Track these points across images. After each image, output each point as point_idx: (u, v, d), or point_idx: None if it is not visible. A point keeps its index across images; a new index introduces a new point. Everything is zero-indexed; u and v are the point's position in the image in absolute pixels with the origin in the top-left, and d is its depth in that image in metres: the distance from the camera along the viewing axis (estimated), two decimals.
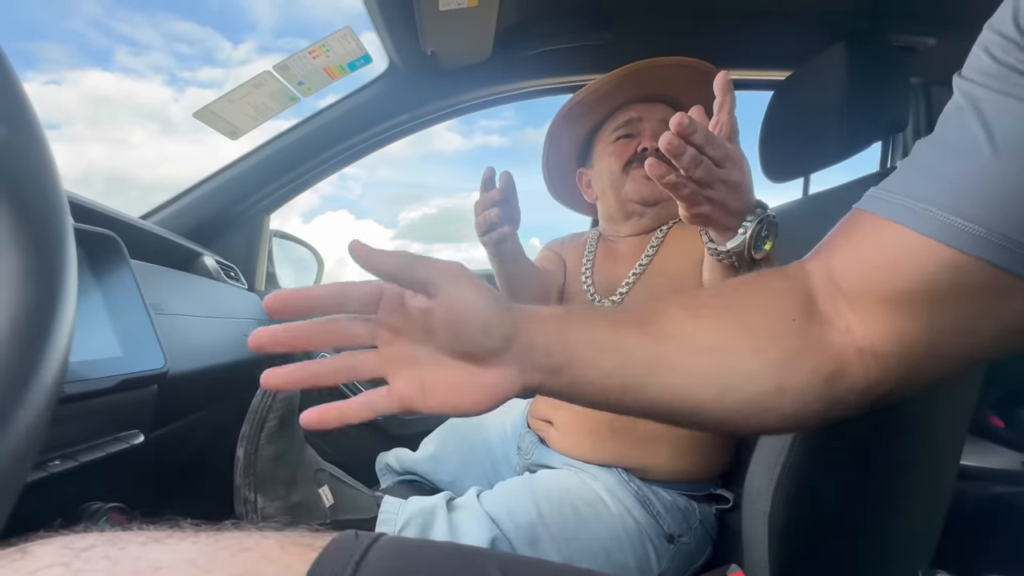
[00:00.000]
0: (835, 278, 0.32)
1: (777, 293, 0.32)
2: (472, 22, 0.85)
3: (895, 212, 0.29)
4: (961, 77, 0.29)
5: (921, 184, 0.29)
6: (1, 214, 0.13)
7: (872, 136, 0.81)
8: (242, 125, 0.95)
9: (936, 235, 0.27)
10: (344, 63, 0.91)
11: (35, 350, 0.12)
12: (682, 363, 0.30)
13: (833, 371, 0.31)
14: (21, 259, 0.13)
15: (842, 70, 0.78)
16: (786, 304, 0.32)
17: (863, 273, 0.31)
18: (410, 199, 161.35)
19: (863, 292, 0.30)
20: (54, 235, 0.14)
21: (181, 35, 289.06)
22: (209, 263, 0.90)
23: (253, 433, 0.65)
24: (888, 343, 0.30)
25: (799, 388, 0.30)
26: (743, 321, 0.31)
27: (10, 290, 0.12)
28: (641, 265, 0.77)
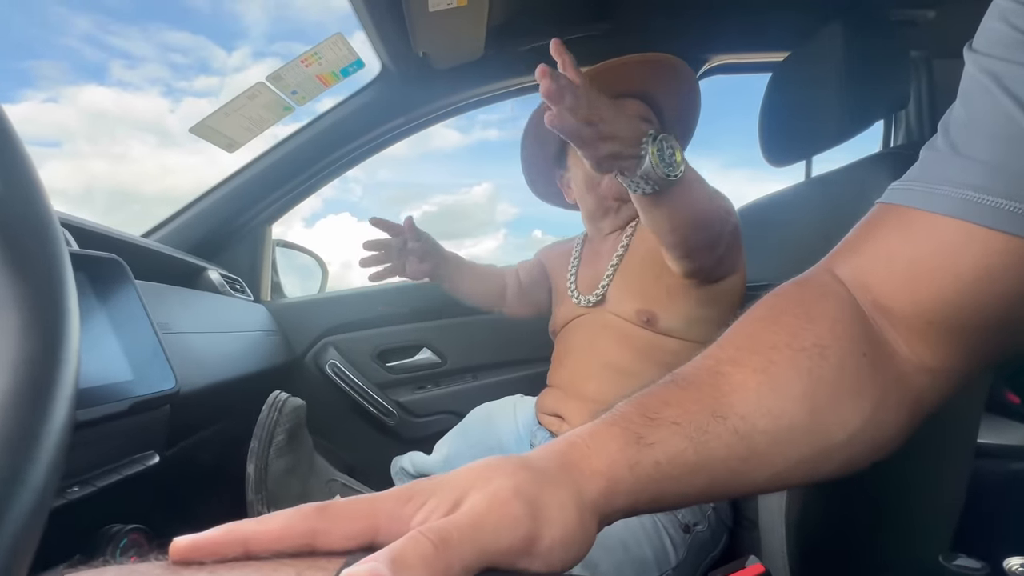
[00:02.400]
0: (882, 303, 0.29)
1: (838, 323, 0.29)
2: (463, 21, 0.84)
3: (931, 202, 0.27)
4: (976, 52, 0.27)
5: (955, 168, 0.26)
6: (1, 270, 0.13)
7: (874, 115, 0.80)
8: (238, 137, 0.95)
9: (981, 220, 0.25)
10: (337, 69, 0.91)
11: (39, 407, 0.12)
12: (772, 459, 0.27)
13: (914, 403, 0.29)
14: (21, 317, 0.13)
15: (840, 49, 0.76)
16: (852, 336, 0.28)
17: (911, 293, 0.28)
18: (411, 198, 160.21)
19: (917, 315, 0.28)
20: (54, 290, 0.13)
21: (175, 45, 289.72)
22: (214, 277, 0.90)
23: (262, 448, 0.66)
24: (954, 358, 0.28)
25: (888, 436, 0.28)
26: (823, 375, 0.27)
27: (11, 350, 0.12)
28: (618, 256, 0.79)
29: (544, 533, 0.21)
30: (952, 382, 0.29)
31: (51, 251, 0.15)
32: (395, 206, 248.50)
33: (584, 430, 0.26)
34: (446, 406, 1.10)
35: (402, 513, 0.21)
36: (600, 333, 0.77)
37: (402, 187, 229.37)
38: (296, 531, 0.20)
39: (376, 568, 0.17)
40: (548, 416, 0.80)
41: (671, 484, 0.25)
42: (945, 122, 0.29)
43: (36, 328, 0.13)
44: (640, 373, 0.72)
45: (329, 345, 1.09)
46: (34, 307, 0.13)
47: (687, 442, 0.25)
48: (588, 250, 0.88)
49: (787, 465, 0.27)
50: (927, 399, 0.29)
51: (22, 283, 0.13)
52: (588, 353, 0.78)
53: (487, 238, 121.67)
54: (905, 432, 0.29)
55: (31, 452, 0.11)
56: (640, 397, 0.28)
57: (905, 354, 0.29)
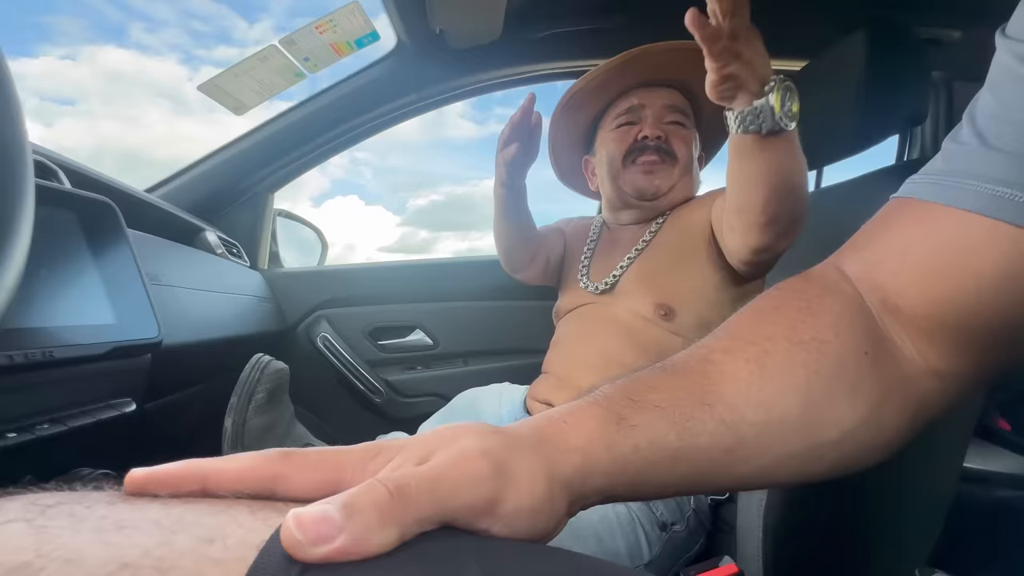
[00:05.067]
0: (892, 301, 0.28)
1: (840, 319, 0.27)
2: (482, 1, 0.83)
3: (956, 196, 0.25)
4: (1008, 37, 0.26)
5: (983, 162, 0.25)
6: None
7: (890, 128, 0.79)
8: (247, 100, 0.94)
9: (1010, 217, 0.23)
10: (351, 40, 0.90)
11: None
12: (759, 453, 0.25)
13: (917, 407, 0.27)
14: None
15: (862, 59, 0.75)
16: (854, 334, 0.27)
17: (924, 291, 0.26)
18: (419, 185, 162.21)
19: (928, 315, 0.27)
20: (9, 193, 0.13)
21: (196, 12, 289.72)
22: (211, 238, 0.90)
23: (241, 405, 0.65)
24: (963, 362, 0.27)
25: (885, 439, 0.27)
26: (820, 370, 0.26)
27: None
28: (637, 249, 0.78)
29: (508, 497, 0.20)
30: (958, 387, 0.28)
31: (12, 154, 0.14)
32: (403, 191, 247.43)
33: (564, 407, 0.25)
34: (434, 389, 1.10)
35: (367, 467, 0.21)
36: (604, 323, 0.75)
37: (412, 174, 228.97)
38: (258, 474, 0.20)
39: (327, 510, 0.17)
40: (538, 403, 0.79)
41: (650, 470, 0.24)
42: (971, 112, 0.27)
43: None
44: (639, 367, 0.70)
45: (322, 318, 1.09)
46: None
47: (670, 427, 0.24)
48: (606, 237, 0.86)
49: (775, 460, 0.26)
50: (931, 404, 0.28)
51: None
52: (588, 342, 0.76)
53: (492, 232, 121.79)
54: (905, 436, 0.28)
55: None
56: (626, 380, 0.27)
57: (911, 355, 0.28)
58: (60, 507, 0.17)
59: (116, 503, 0.18)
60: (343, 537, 0.16)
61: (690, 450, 0.24)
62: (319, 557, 0.16)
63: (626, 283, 0.76)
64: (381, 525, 0.17)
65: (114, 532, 0.16)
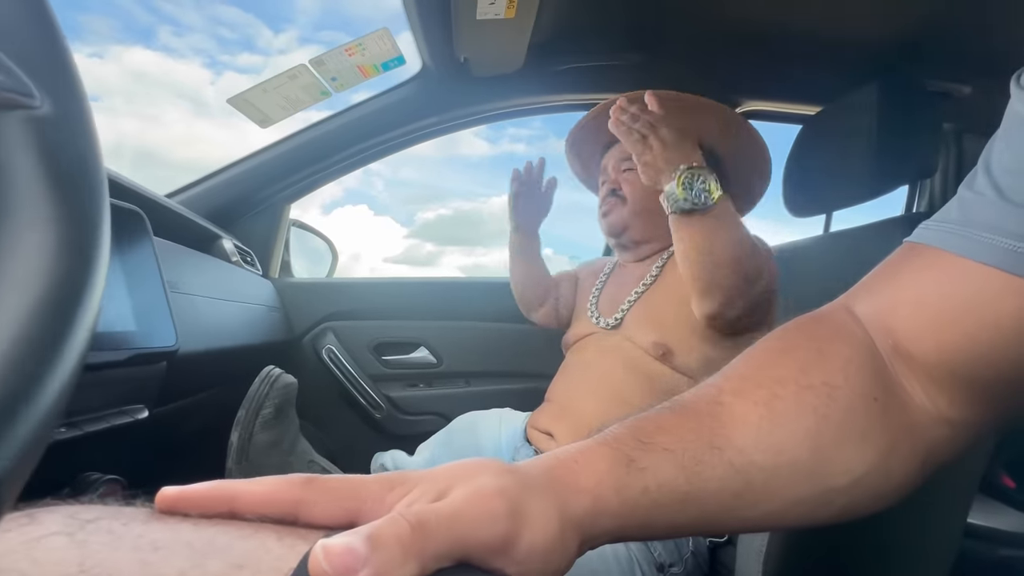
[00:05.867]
0: (904, 347, 0.27)
1: (850, 363, 0.27)
2: (507, 33, 0.86)
3: (971, 248, 0.25)
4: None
5: (1000, 215, 0.25)
6: (44, 188, 0.14)
7: (900, 179, 0.81)
8: (273, 114, 0.97)
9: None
10: (378, 63, 0.93)
11: (66, 321, 0.12)
12: (767, 497, 0.25)
13: (926, 454, 0.27)
14: (60, 233, 0.13)
15: (874, 110, 0.77)
16: (863, 378, 0.27)
17: (937, 339, 0.26)
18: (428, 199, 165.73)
19: (940, 363, 0.27)
20: (93, 213, 0.14)
21: (224, 19, 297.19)
22: (227, 246, 0.91)
23: (248, 419, 0.65)
24: (974, 410, 0.27)
25: (895, 485, 0.27)
26: (829, 415, 0.26)
27: (47, 261, 0.12)
28: (644, 284, 0.81)
29: (523, 537, 0.21)
30: (968, 435, 0.28)
31: (91, 180, 0.15)
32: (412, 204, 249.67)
33: (573, 447, 0.25)
34: (435, 407, 1.10)
35: (386, 498, 0.21)
36: (610, 356, 0.77)
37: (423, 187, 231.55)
38: (282, 498, 0.20)
39: (352, 542, 0.17)
40: (538, 433, 0.79)
41: (659, 512, 0.24)
42: (986, 160, 0.27)
43: (72, 247, 0.13)
44: (642, 403, 0.70)
45: (328, 330, 1.10)
46: (72, 226, 0.14)
47: (679, 471, 0.24)
48: (617, 273, 0.91)
49: (783, 505, 0.26)
50: (941, 451, 0.28)
51: (64, 204, 0.14)
52: (593, 372, 0.78)
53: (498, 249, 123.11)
54: (914, 482, 0.27)
55: (53, 361, 0.11)
56: (635, 420, 0.27)
57: (921, 402, 0.27)
58: (99, 522, 0.18)
59: (150, 522, 0.19)
60: (367, 570, 0.17)
61: (699, 493, 0.24)
62: None
63: (631, 320, 0.79)
64: (403, 560, 0.18)
65: (150, 552, 0.17)
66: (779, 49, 0.94)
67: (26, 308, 0.11)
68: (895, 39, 0.86)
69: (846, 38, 0.88)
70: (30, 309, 0.11)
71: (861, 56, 0.91)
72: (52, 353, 0.11)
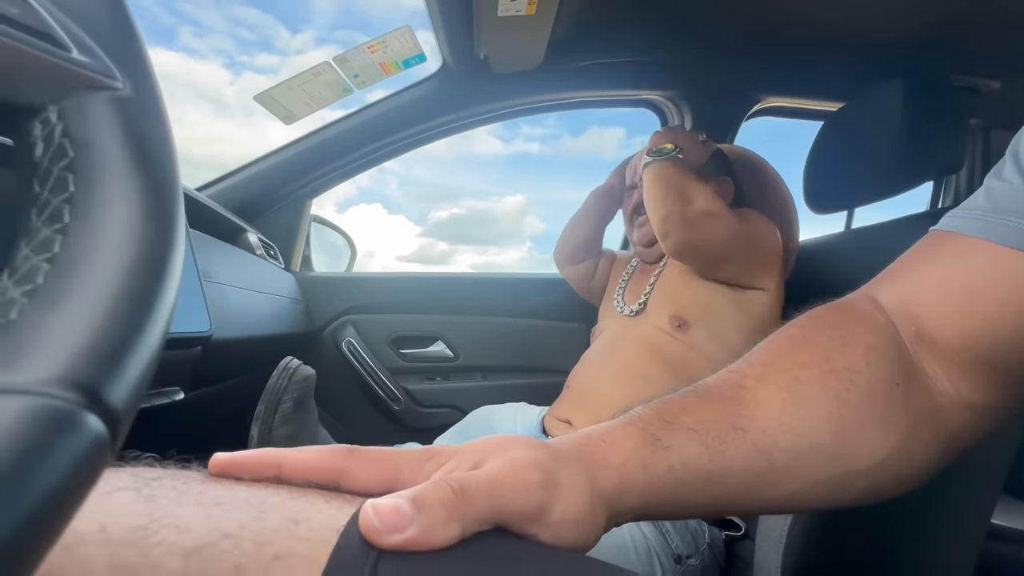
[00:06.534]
0: (928, 333, 0.28)
1: (872, 350, 0.28)
2: (527, 30, 0.87)
3: (1000, 232, 0.26)
4: None
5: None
6: (130, 163, 0.15)
7: (924, 175, 0.80)
8: (297, 111, 0.99)
9: None
10: (400, 60, 0.94)
11: (158, 279, 0.13)
12: (790, 477, 0.26)
13: (948, 439, 0.28)
14: (145, 202, 0.14)
15: (899, 106, 0.76)
16: (886, 365, 0.27)
17: (961, 324, 0.27)
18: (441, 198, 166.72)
19: (964, 348, 0.27)
20: (171, 185, 0.15)
21: (243, 20, 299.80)
22: (252, 239, 0.93)
23: (268, 413, 0.67)
24: (997, 395, 0.27)
25: (916, 469, 0.27)
26: (851, 399, 0.26)
27: (138, 227, 0.14)
28: (659, 269, 0.87)
29: (556, 506, 0.22)
30: (991, 420, 0.28)
31: (166, 156, 0.17)
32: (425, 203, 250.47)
33: (600, 427, 0.26)
34: (452, 401, 1.11)
35: (423, 467, 0.22)
36: (630, 341, 0.81)
37: (436, 186, 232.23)
38: (326, 465, 0.22)
39: (399, 503, 0.18)
40: (557, 421, 0.80)
41: (683, 490, 0.25)
42: (1014, 150, 0.28)
43: (157, 215, 0.15)
44: (659, 380, 0.74)
45: (348, 323, 1.12)
46: (155, 197, 0.15)
47: (703, 449, 0.25)
48: (641, 266, 0.96)
49: (805, 486, 0.26)
50: (963, 436, 0.28)
51: (141, 178, 0.15)
52: (613, 357, 0.81)
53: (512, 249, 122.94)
54: (936, 467, 0.28)
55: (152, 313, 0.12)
56: (659, 403, 0.28)
57: (944, 388, 0.28)
58: (162, 480, 0.19)
59: (207, 482, 0.20)
60: (413, 528, 0.18)
61: (723, 472, 0.25)
62: (392, 544, 0.18)
63: (652, 302, 0.83)
64: (446, 521, 0.19)
65: (212, 506, 0.18)
66: (801, 45, 0.93)
67: (124, 267, 0.13)
68: (920, 34, 0.85)
69: (870, 34, 0.87)
70: (128, 268, 0.13)
71: (885, 52, 0.90)
72: (151, 306, 0.13)
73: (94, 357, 0.10)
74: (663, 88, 1.09)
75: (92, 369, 0.10)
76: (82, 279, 0.11)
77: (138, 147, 0.16)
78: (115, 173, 0.14)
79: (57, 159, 0.14)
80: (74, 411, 0.09)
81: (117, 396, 0.10)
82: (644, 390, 0.74)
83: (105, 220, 0.13)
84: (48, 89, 0.15)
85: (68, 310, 0.11)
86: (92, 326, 0.10)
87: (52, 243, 0.12)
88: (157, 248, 0.14)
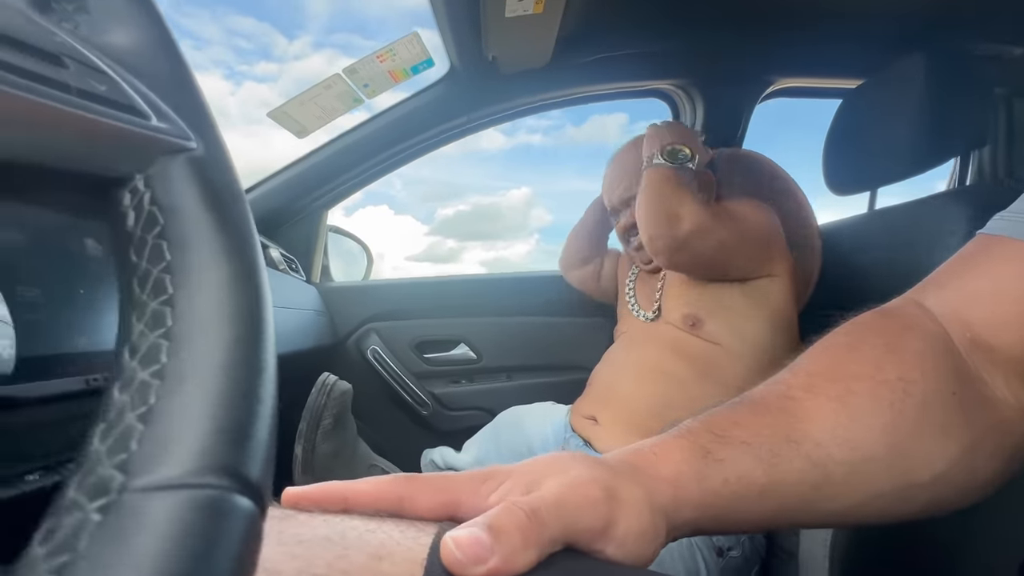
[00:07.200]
0: (984, 340, 0.27)
1: (924, 357, 0.27)
2: (535, 28, 0.86)
3: None
4: None
5: None
6: (213, 225, 0.15)
7: (951, 150, 0.78)
8: (309, 124, 0.99)
9: None
10: (408, 67, 0.94)
11: (261, 340, 0.14)
12: (847, 491, 0.26)
13: (1013, 449, 0.27)
14: (233, 263, 0.15)
15: (920, 80, 0.75)
16: (940, 373, 0.27)
17: (1020, 331, 0.26)
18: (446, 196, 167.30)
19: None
20: (250, 237, 0.15)
21: (240, 30, 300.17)
22: (275, 255, 0.95)
23: (310, 431, 0.68)
24: None
25: (981, 482, 0.27)
26: (905, 410, 0.26)
27: (234, 290, 0.14)
28: (664, 273, 0.87)
29: (620, 520, 0.22)
30: None
31: (243, 208, 0.17)
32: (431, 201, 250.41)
33: (650, 441, 0.26)
34: (478, 403, 1.12)
35: (480, 490, 0.23)
36: (650, 339, 0.82)
37: (441, 184, 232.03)
38: (388, 495, 0.22)
39: (478, 534, 0.19)
40: (583, 419, 0.81)
41: (739, 504, 0.25)
42: None
43: (245, 278, 0.15)
44: (681, 376, 0.74)
45: (372, 331, 1.13)
46: (241, 259, 0.15)
47: (757, 463, 0.25)
48: (642, 272, 0.95)
49: (863, 499, 0.26)
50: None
51: (227, 237, 0.15)
52: (633, 355, 0.83)
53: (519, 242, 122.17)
54: (1001, 479, 0.27)
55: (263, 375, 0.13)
56: (707, 416, 0.27)
57: (1004, 396, 0.27)
58: None
59: (285, 518, 0.21)
60: (495, 559, 0.18)
61: (778, 486, 0.25)
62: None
63: (666, 303, 0.84)
64: (524, 546, 0.19)
65: (295, 545, 0.19)
66: (813, 22, 0.91)
67: (234, 335, 0.13)
68: (936, 3, 0.83)
69: (882, 6, 0.85)
70: (236, 335, 0.13)
71: (900, 24, 0.88)
72: (262, 370, 0.13)
73: (231, 437, 0.10)
74: (673, 77, 1.08)
75: (232, 449, 0.10)
76: (201, 354, 0.12)
77: (218, 205, 0.16)
78: (203, 237, 0.15)
79: (149, 228, 0.15)
80: (228, 496, 0.09)
81: (256, 471, 0.11)
82: (666, 386, 0.74)
83: (205, 288, 0.14)
84: (135, 159, 0.15)
85: (197, 390, 0.11)
86: (222, 404, 0.11)
87: (163, 317, 0.12)
88: (253, 305, 0.14)
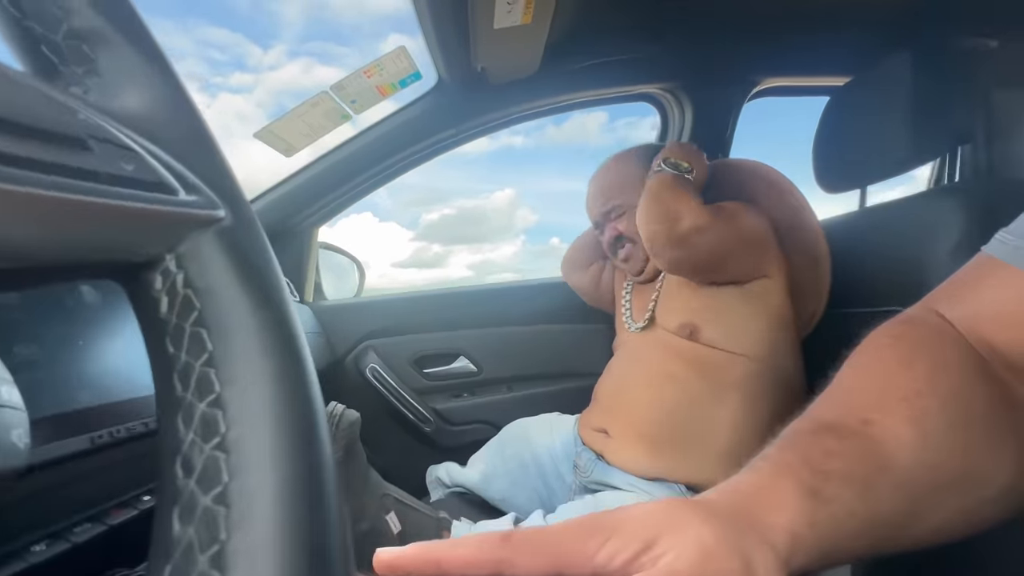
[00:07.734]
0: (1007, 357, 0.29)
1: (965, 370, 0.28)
2: (524, 39, 0.85)
3: None
4: None
5: None
6: (253, 304, 0.14)
7: (939, 147, 0.79)
8: (296, 142, 0.97)
9: None
10: (396, 81, 0.93)
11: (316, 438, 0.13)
12: (932, 513, 0.26)
13: None
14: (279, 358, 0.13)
15: (908, 78, 0.76)
16: (985, 386, 0.28)
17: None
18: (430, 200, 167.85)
19: None
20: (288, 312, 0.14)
21: (213, 41, 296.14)
22: None
23: None
24: None
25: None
26: (968, 426, 0.27)
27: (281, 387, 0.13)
28: (660, 281, 0.87)
29: None
30: None
31: (275, 275, 0.16)
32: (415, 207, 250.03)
33: (748, 480, 0.25)
34: (481, 416, 1.11)
35: (585, 549, 0.21)
36: (649, 348, 0.82)
37: (425, 189, 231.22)
38: (484, 558, 0.21)
39: None
40: (593, 432, 0.80)
41: (842, 542, 0.24)
42: None
43: (293, 361, 0.14)
44: (685, 378, 0.75)
45: (369, 349, 1.11)
46: (285, 340, 0.14)
47: (857, 498, 0.24)
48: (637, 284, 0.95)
49: (942, 521, 0.26)
50: None
51: (268, 313, 0.14)
52: (636, 365, 0.82)
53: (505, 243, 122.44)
54: None
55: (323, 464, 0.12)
56: (794, 444, 0.26)
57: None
58: None
59: None
60: None
61: (874, 517, 0.25)
62: None
63: (660, 312, 0.84)
64: None
65: None
66: (797, 22, 0.92)
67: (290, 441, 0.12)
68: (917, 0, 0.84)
69: (865, 5, 0.86)
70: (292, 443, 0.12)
71: (888, 22, 0.89)
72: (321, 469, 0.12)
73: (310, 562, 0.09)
74: (660, 81, 1.08)
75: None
76: (264, 467, 0.11)
77: (253, 278, 0.15)
78: (244, 322, 0.14)
79: (186, 314, 0.13)
80: None
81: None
82: (671, 389, 0.74)
83: (255, 383, 0.13)
84: (165, 238, 0.14)
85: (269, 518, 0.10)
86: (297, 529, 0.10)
87: (215, 423, 0.11)
88: (306, 396, 0.13)
